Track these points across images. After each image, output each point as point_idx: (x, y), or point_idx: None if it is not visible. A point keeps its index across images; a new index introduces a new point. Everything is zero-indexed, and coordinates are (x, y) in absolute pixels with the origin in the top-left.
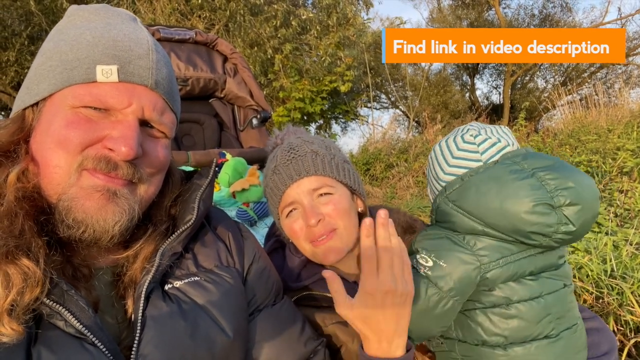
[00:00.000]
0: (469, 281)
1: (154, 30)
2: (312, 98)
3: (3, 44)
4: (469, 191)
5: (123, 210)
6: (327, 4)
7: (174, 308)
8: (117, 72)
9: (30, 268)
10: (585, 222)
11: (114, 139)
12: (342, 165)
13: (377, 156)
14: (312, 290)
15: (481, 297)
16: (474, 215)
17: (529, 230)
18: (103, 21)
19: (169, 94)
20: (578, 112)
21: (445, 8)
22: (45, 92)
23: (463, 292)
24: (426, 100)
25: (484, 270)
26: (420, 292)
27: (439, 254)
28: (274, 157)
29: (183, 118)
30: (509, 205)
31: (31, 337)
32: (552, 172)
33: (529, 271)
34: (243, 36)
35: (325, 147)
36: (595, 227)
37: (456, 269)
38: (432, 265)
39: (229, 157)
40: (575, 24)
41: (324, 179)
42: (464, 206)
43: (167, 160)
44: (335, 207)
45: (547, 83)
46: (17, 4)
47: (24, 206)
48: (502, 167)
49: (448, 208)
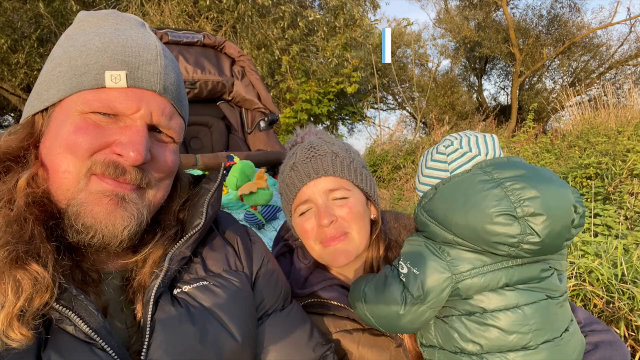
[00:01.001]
0: (440, 290)
1: (162, 33)
2: (319, 99)
3: (13, 46)
4: (438, 201)
5: (132, 215)
6: (334, 5)
7: (182, 312)
8: (125, 78)
9: (40, 273)
10: (553, 233)
11: (123, 144)
12: (360, 170)
13: (384, 157)
14: (318, 297)
15: (457, 305)
16: (444, 226)
17: (493, 241)
18: (112, 27)
19: (177, 99)
20: (587, 113)
21: (453, 9)
22: (55, 98)
23: (434, 299)
24: (433, 102)
25: (455, 280)
26: (395, 295)
27: (414, 262)
28: (293, 154)
29: (191, 121)
30: (472, 216)
31: (41, 342)
32: (520, 181)
33: (504, 283)
34: (250, 37)
35: (346, 150)
36: (605, 230)
37: (428, 277)
38: (406, 272)
39: (236, 160)
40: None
41: (342, 181)
42: (435, 216)
43: (175, 165)
44: (350, 211)
45: (555, 84)
46: (26, 6)
47: (34, 211)
48: (470, 177)
49: (423, 218)
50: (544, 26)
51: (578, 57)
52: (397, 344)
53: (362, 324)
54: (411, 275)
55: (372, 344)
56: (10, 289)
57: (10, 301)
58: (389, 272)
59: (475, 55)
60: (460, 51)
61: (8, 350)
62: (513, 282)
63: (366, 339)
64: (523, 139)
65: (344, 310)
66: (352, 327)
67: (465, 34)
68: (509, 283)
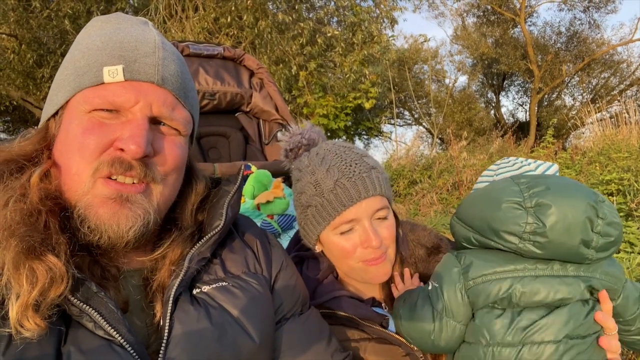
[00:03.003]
0: (456, 299)
1: (184, 46)
2: (336, 114)
3: (39, 61)
4: (468, 199)
5: (137, 216)
6: (352, 22)
7: (201, 312)
8: (122, 72)
9: (55, 264)
10: (561, 231)
11: (124, 139)
12: (388, 182)
13: (400, 172)
14: (327, 308)
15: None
16: (465, 223)
17: (502, 230)
18: (113, 27)
19: (179, 89)
20: (608, 130)
21: (470, 25)
22: (62, 100)
23: (456, 311)
24: (450, 117)
25: (466, 287)
26: (425, 313)
27: (436, 276)
28: (330, 167)
29: (209, 132)
30: (486, 205)
31: (61, 337)
32: (539, 184)
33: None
34: (269, 53)
35: (375, 161)
36: (628, 247)
37: (445, 287)
38: (431, 288)
39: (253, 170)
40: (604, 41)
41: (384, 200)
42: (460, 215)
43: (181, 159)
44: (390, 233)
45: (575, 101)
46: (52, 23)
47: (47, 203)
48: (498, 182)
49: (453, 223)
50: (562, 43)
51: (598, 73)
52: (405, 353)
53: (370, 334)
54: (434, 290)
55: (380, 352)
56: (25, 278)
57: (25, 290)
58: (421, 292)
59: (492, 71)
60: (477, 67)
61: (28, 344)
62: None
63: (373, 347)
64: (542, 155)
65: (352, 320)
66: (360, 336)
67: (482, 50)
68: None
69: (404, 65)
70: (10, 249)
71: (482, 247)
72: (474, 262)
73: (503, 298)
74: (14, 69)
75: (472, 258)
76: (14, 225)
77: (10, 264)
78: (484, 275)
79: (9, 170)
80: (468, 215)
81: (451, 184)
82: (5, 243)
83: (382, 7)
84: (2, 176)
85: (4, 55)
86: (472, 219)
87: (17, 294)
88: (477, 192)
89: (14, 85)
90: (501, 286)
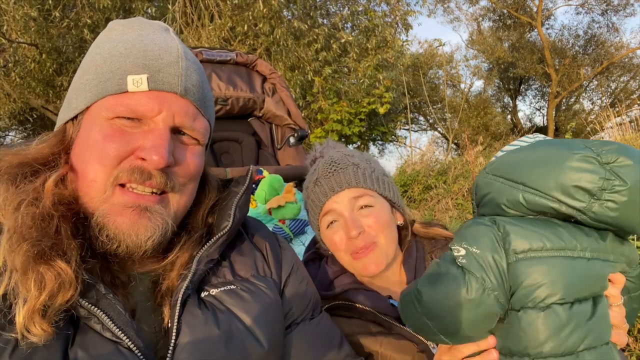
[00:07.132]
0: (497, 269)
1: (197, 52)
2: (350, 120)
3: (58, 69)
4: (513, 155)
5: (156, 226)
6: (366, 27)
7: (209, 315)
8: (146, 81)
9: (64, 269)
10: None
11: (146, 149)
12: (382, 179)
13: (415, 178)
14: (345, 300)
15: None
16: (513, 177)
17: (572, 185)
18: (135, 33)
19: (200, 100)
20: (628, 134)
21: (485, 30)
22: (83, 105)
23: (497, 281)
24: (466, 122)
25: (507, 261)
26: (454, 283)
27: (471, 240)
28: (315, 169)
29: (222, 137)
30: (551, 157)
31: (68, 339)
32: (609, 143)
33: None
34: (284, 60)
35: (366, 160)
36: None
37: (487, 253)
38: (464, 253)
39: (265, 174)
40: (623, 45)
41: (365, 191)
42: (503, 169)
43: (199, 168)
44: (377, 220)
45: (593, 104)
46: (72, 32)
47: (60, 209)
48: (555, 140)
49: (487, 179)
50: (580, 46)
51: (617, 77)
52: (420, 349)
53: (387, 328)
54: (470, 256)
55: (395, 347)
56: (34, 283)
57: (33, 296)
58: (441, 262)
59: (509, 75)
60: (493, 72)
61: (35, 346)
62: None
63: (389, 342)
64: None
65: (369, 313)
66: (377, 330)
67: (498, 54)
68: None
69: (418, 70)
70: (21, 253)
71: (524, 214)
72: (517, 231)
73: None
74: (35, 78)
75: (513, 226)
76: (25, 229)
77: (19, 268)
78: (532, 251)
79: (23, 173)
80: (517, 170)
81: (467, 189)
82: (16, 246)
83: (396, 12)
84: (16, 179)
85: (25, 64)
86: (527, 173)
87: (25, 299)
88: (522, 147)
89: (34, 94)
90: (549, 269)
